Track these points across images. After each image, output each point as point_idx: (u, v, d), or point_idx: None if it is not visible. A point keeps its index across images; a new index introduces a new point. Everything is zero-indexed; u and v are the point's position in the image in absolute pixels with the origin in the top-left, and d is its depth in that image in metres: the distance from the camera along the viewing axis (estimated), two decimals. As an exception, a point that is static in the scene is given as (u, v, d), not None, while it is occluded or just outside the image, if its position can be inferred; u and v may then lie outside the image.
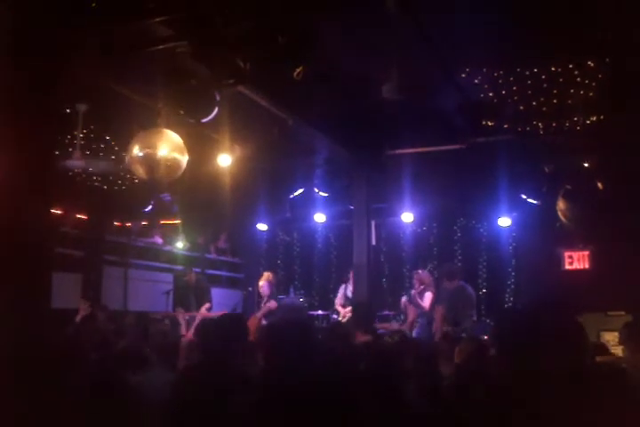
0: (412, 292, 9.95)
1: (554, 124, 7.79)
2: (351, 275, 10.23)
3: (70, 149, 7.46)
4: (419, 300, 9.65)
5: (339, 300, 10.60)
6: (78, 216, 10.33)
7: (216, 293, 10.96)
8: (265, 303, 9.96)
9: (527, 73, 7.20)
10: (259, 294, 12.35)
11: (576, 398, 2.63)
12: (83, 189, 9.00)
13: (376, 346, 5.19)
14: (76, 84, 5.96)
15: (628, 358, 5.10)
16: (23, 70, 4.35)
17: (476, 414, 2.82)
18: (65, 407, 2.95)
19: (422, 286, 9.72)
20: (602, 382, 2.84)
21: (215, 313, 9.75)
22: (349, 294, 10.32)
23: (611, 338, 7.32)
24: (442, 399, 3.58)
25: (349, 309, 10.00)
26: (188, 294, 10.33)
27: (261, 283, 9.89)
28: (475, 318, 9.07)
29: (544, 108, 7.57)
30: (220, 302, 10.71)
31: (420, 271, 10.23)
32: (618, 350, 6.15)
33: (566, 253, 10.42)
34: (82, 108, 7.00)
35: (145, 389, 3.60)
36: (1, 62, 4.39)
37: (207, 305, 9.96)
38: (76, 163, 7.62)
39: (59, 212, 9.53)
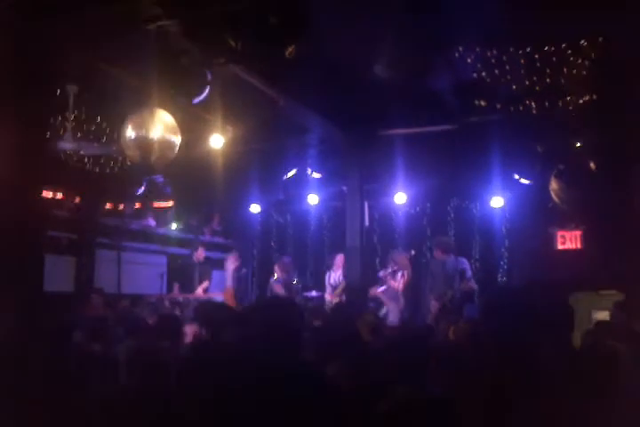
0: (381, 273, 9.87)
1: (547, 104, 7.76)
2: (335, 261, 10.28)
3: (61, 132, 7.41)
4: (391, 280, 9.55)
5: (327, 289, 10.58)
6: (70, 199, 10.28)
7: (209, 274, 10.92)
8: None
9: (520, 52, 7.16)
10: (252, 274, 12.41)
11: (564, 377, 2.65)
12: (74, 171, 8.94)
13: None
14: (67, 65, 5.91)
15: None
16: (12, 52, 4.31)
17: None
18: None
19: (395, 267, 9.62)
20: (592, 363, 2.86)
21: (212, 294, 9.77)
22: (332, 281, 10.36)
23: (602, 317, 7.37)
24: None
25: (335, 293, 10.06)
26: (192, 273, 10.26)
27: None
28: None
29: (537, 88, 7.54)
30: (213, 284, 10.70)
31: (395, 252, 10.16)
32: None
33: (559, 233, 10.45)
34: (73, 89, 6.93)
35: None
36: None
37: (206, 284, 9.97)
38: (68, 145, 7.58)
39: (50, 194, 9.48)
